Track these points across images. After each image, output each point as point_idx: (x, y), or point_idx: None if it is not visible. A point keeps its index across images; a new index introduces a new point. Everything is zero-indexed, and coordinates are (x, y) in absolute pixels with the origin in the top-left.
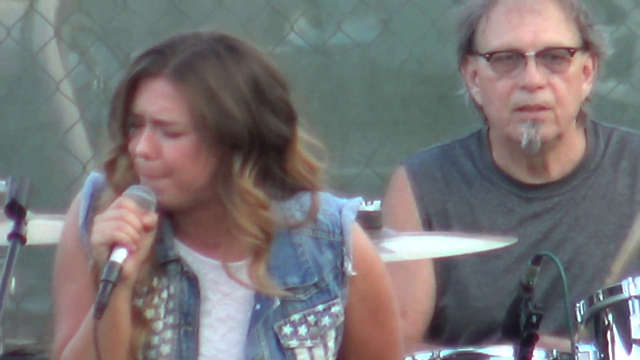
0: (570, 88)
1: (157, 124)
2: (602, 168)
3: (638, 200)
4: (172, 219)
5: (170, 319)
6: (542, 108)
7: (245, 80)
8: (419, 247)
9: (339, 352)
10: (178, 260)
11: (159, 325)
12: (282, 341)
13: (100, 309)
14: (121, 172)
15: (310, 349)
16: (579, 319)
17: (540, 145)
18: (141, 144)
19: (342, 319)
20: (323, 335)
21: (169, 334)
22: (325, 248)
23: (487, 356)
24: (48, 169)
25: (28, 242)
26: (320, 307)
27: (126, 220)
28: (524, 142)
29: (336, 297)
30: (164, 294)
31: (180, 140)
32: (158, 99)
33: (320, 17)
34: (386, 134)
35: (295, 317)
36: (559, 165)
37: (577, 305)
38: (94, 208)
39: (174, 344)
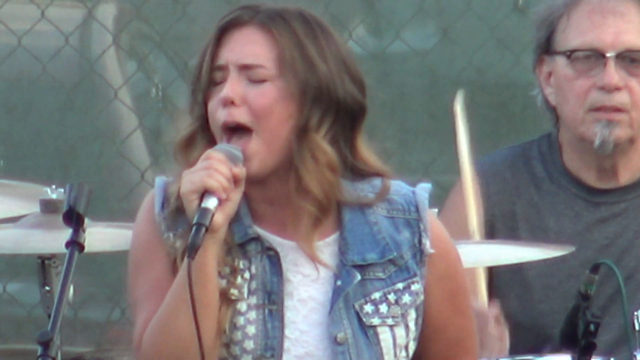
0: None
1: (243, 69)
2: None
3: None
4: (247, 201)
5: (253, 299)
6: (617, 109)
7: (327, 42)
8: (477, 253)
9: (419, 339)
10: (258, 239)
11: (243, 306)
12: (364, 319)
13: (194, 250)
14: (198, 150)
15: (391, 327)
16: (637, 327)
17: (613, 148)
18: (226, 89)
19: (422, 297)
20: (404, 314)
21: (253, 314)
22: (402, 227)
23: None
24: (106, 176)
25: (86, 249)
26: (400, 285)
27: (216, 169)
28: (597, 142)
29: (415, 275)
30: (246, 274)
31: (265, 86)
32: (245, 45)
33: (379, 24)
34: (445, 142)
35: (376, 295)
36: (628, 171)
37: (635, 313)
38: (167, 199)
39: (259, 324)
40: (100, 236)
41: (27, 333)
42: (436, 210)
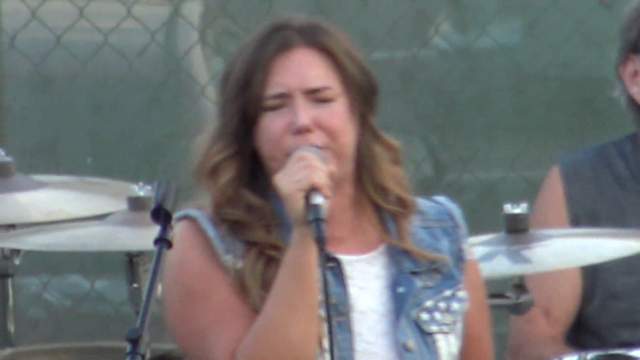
0: None
1: (310, 94)
2: None
3: None
4: None
5: (321, 312)
6: None
7: (354, 44)
8: (565, 251)
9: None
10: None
11: None
12: (423, 327)
13: (323, 242)
14: (229, 174)
15: (446, 335)
16: None
17: None
18: (301, 117)
19: (467, 305)
20: (455, 321)
21: (323, 327)
22: (440, 235)
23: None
24: None
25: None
26: (447, 293)
27: (315, 166)
28: None
29: (460, 282)
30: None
31: (334, 106)
32: (304, 69)
33: (464, 20)
34: (531, 137)
35: (429, 303)
36: None
37: None
38: (215, 225)
39: (329, 337)
40: None
41: (114, 330)
42: (525, 205)
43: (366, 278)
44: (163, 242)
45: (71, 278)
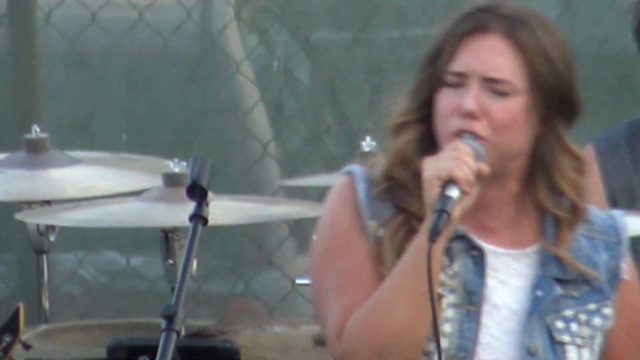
0: None
1: (487, 82)
2: None
3: None
4: None
5: (452, 298)
6: None
7: (564, 47)
8: None
9: None
10: (464, 237)
11: (442, 303)
12: (554, 335)
13: (436, 234)
14: (407, 137)
15: (579, 347)
16: None
17: None
18: (469, 101)
19: (611, 323)
20: (592, 336)
21: (450, 312)
22: (601, 248)
23: None
24: (229, 150)
25: (209, 223)
26: (592, 306)
27: (464, 161)
28: None
29: (608, 299)
30: (450, 272)
31: (510, 101)
32: (490, 56)
33: None
34: None
35: (568, 312)
36: None
37: None
38: (370, 187)
39: (455, 323)
40: (224, 210)
41: (150, 306)
42: None
43: (509, 273)
44: (198, 218)
45: (106, 254)
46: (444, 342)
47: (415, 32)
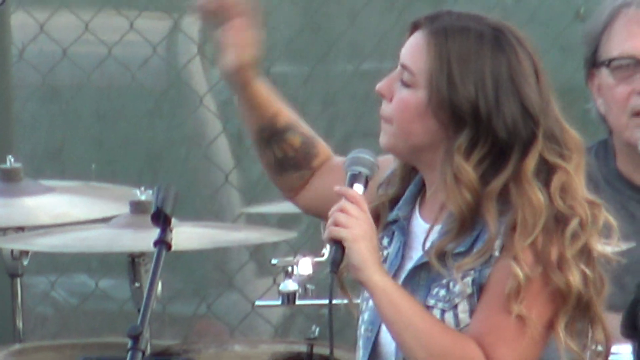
0: None
1: (402, 68)
2: None
3: None
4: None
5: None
6: None
7: (493, 67)
8: None
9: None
10: (398, 221)
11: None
12: (427, 299)
13: (335, 266)
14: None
15: (443, 312)
16: None
17: None
18: (381, 82)
19: (470, 291)
20: (456, 302)
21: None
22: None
23: None
24: (192, 179)
25: (173, 248)
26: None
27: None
28: None
29: (477, 270)
30: (385, 253)
31: (408, 91)
32: (411, 47)
33: None
34: None
35: (437, 281)
36: None
37: None
38: None
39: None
40: (187, 235)
41: (118, 327)
42: None
43: (418, 248)
44: (162, 243)
45: (77, 277)
46: (365, 316)
47: (369, 66)
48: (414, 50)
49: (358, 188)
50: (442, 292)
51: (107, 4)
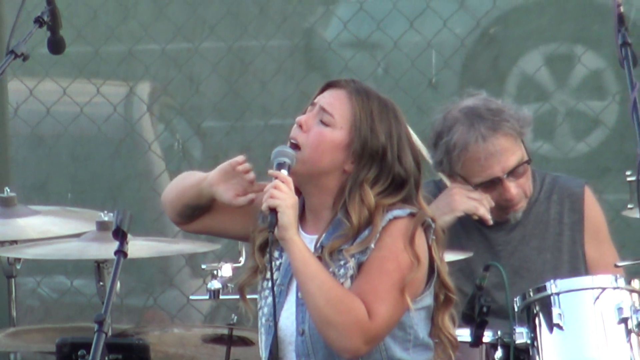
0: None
1: (321, 111)
2: (539, 201)
3: (565, 222)
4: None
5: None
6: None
7: (395, 123)
8: None
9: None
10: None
11: (268, 283)
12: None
13: (271, 227)
14: None
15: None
16: (516, 309)
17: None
18: (303, 116)
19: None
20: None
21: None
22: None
23: None
24: (143, 205)
25: (129, 256)
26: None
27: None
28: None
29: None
30: (278, 262)
31: (327, 129)
32: (332, 97)
33: None
34: None
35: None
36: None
37: (514, 299)
38: None
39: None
40: (138, 247)
41: (88, 315)
42: None
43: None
44: (121, 253)
45: (57, 278)
46: (264, 310)
47: (275, 122)
48: (335, 100)
49: (284, 172)
50: None
51: (80, 75)
